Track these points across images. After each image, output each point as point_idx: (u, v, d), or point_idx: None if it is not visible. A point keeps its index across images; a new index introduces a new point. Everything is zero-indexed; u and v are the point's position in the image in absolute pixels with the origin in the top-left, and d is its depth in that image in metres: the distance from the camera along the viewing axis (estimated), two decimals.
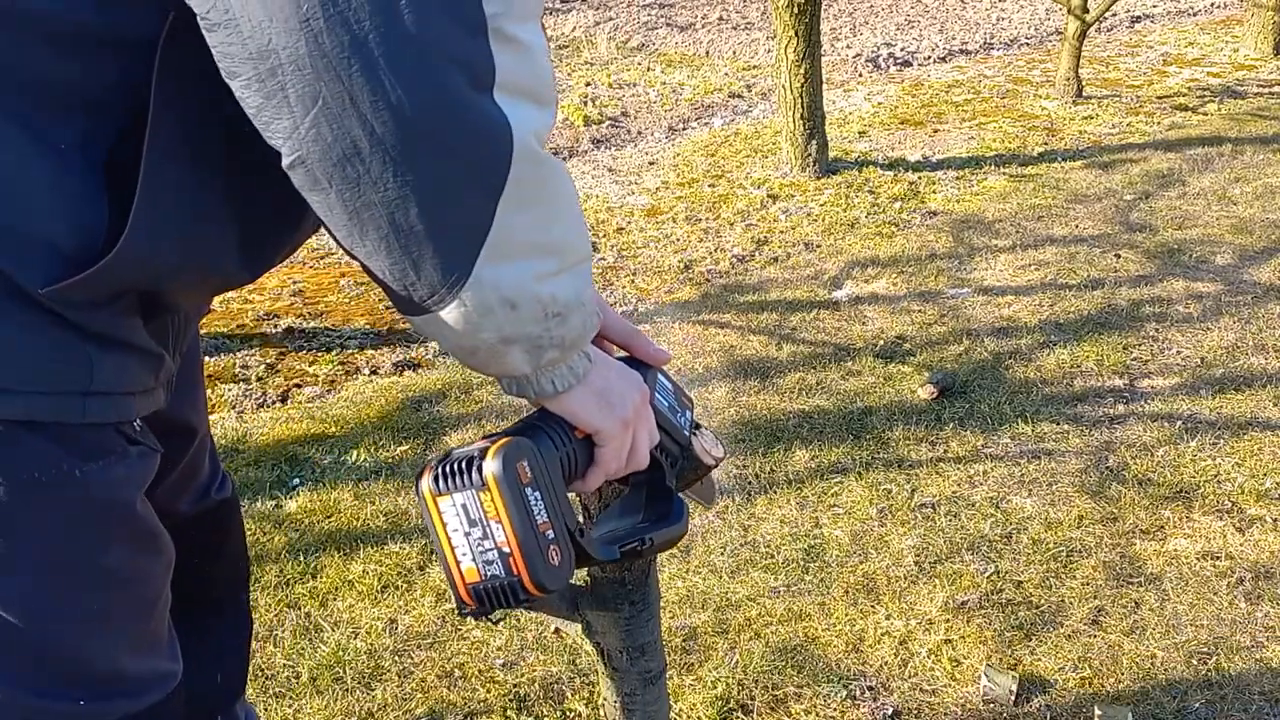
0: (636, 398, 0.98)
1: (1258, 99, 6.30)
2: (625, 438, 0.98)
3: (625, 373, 1.00)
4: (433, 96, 0.72)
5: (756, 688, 2.04)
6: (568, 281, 0.84)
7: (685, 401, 1.11)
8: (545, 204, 0.81)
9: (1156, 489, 2.62)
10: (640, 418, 1.00)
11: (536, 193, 0.80)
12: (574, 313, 0.86)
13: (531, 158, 0.78)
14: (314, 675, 2.10)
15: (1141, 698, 2.00)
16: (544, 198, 0.81)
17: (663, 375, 1.10)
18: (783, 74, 4.95)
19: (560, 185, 0.83)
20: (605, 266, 4.18)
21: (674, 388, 1.10)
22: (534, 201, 0.79)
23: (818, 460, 2.81)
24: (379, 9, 0.69)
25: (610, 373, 0.97)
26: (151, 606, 0.99)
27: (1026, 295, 3.75)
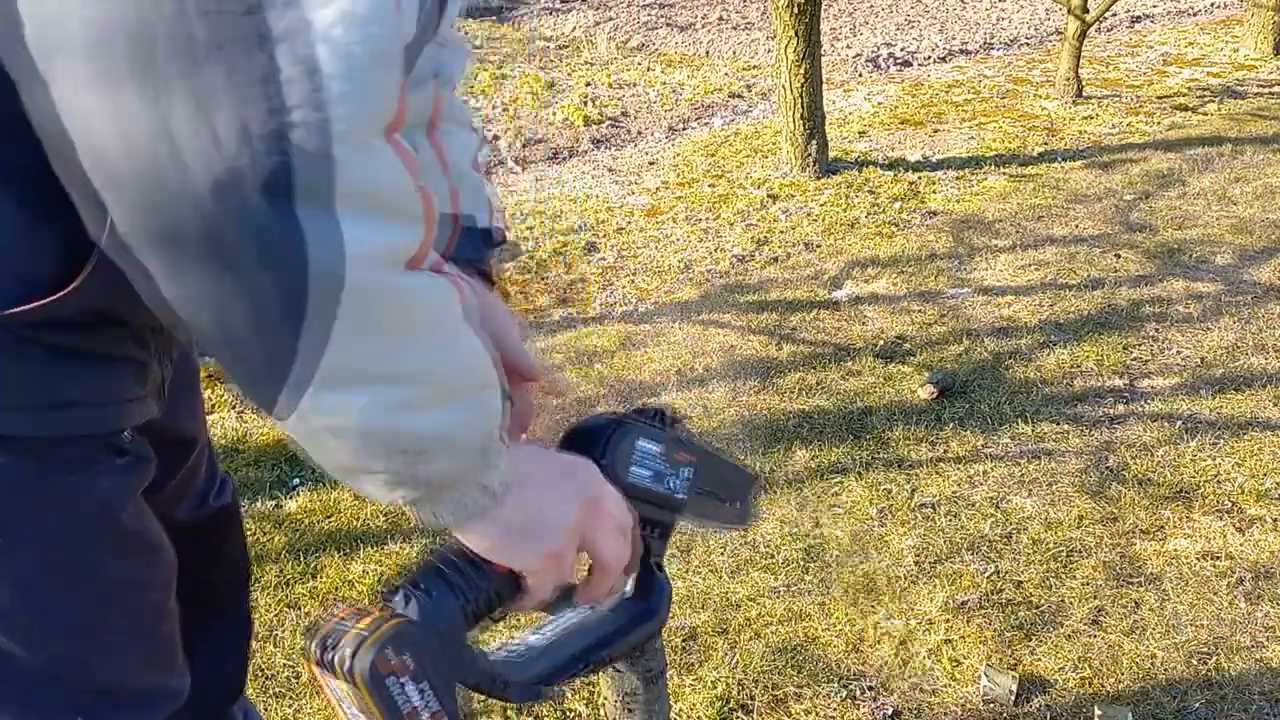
0: (571, 516, 0.84)
1: (1258, 99, 6.30)
2: (558, 566, 0.85)
3: (559, 482, 0.84)
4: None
5: (756, 688, 2.04)
6: (433, 417, 0.72)
7: (681, 457, 0.95)
8: (397, 331, 0.69)
9: (1156, 489, 2.62)
10: (590, 527, 0.86)
11: (382, 317, 0.68)
12: (442, 452, 0.73)
13: (373, 279, 0.66)
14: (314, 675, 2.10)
15: (1141, 698, 2.00)
16: (395, 324, 0.69)
17: (645, 438, 0.93)
18: (783, 74, 4.95)
19: (424, 311, 0.71)
20: (605, 266, 4.18)
21: (662, 447, 0.93)
22: (379, 327, 0.68)
23: (818, 460, 2.81)
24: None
25: (534, 494, 0.82)
26: (152, 619, 0.96)
27: (1026, 295, 3.76)
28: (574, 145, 5.91)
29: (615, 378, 3.30)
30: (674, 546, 2.46)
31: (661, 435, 0.94)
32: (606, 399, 3.16)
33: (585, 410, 3.07)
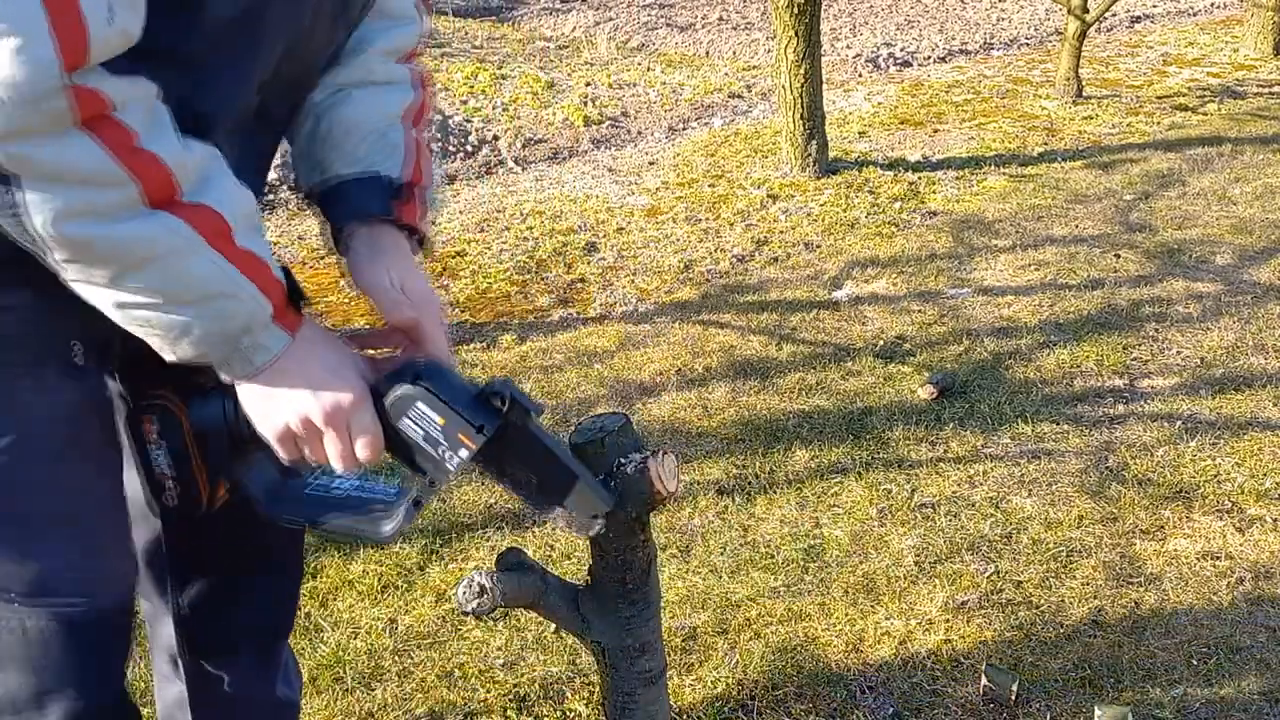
0: (298, 413, 1.05)
1: (1258, 99, 6.30)
2: (286, 445, 1.08)
3: (310, 387, 1.04)
4: None
5: (756, 688, 2.04)
6: (174, 316, 0.97)
7: (463, 438, 1.08)
8: (119, 263, 0.94)
9: (1156, 489, 2.63)
10: (325, 432, 1.06)
11: (103, 255, 0.94)
12: (189, 338, 0.98)
13: (80, 231, 0.91)
14: (314, 675, 2.10)
15: (1141, 698, 2.00)
16: (115, 260, 0.94)
17: (430, 406, 1.08)
18: (783, 74, 4.95)
19: (142, 247, 0.94)
20: (605, 267, 4.19)
21: (446, 420, 1.07)
22: (103, 262, 0.94)
23: (818, 460, 2.81)
24: None
25: (282, 383, 1.04)
26: (93, 518, 1.14)
27: (1026, 295, 3.76)
28: (574, 145, 5.91)
29: (615, 378, 3.30)
30: (674, 546, 2.46)
31: (450, 411, 1.07)
32: (607, 399, 3.16)
33: (585, 410, 3.07)
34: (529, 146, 5.85)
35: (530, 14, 9.12)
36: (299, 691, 1.60)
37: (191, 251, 0.94)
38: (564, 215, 4.75)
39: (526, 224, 4.64)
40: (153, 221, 0.92)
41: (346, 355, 1.10)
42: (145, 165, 0.91)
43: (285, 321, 1.03)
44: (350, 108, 1.20)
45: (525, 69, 7.21)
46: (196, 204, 0.95)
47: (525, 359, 3.43)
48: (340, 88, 1.21)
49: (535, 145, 5.88)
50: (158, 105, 0.95)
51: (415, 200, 1.21)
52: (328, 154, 1.20)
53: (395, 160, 1.21)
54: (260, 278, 1.00)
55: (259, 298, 0.99)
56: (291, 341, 1.03)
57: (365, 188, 1.18)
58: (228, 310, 0.98)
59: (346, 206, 1.18)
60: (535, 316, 3.79)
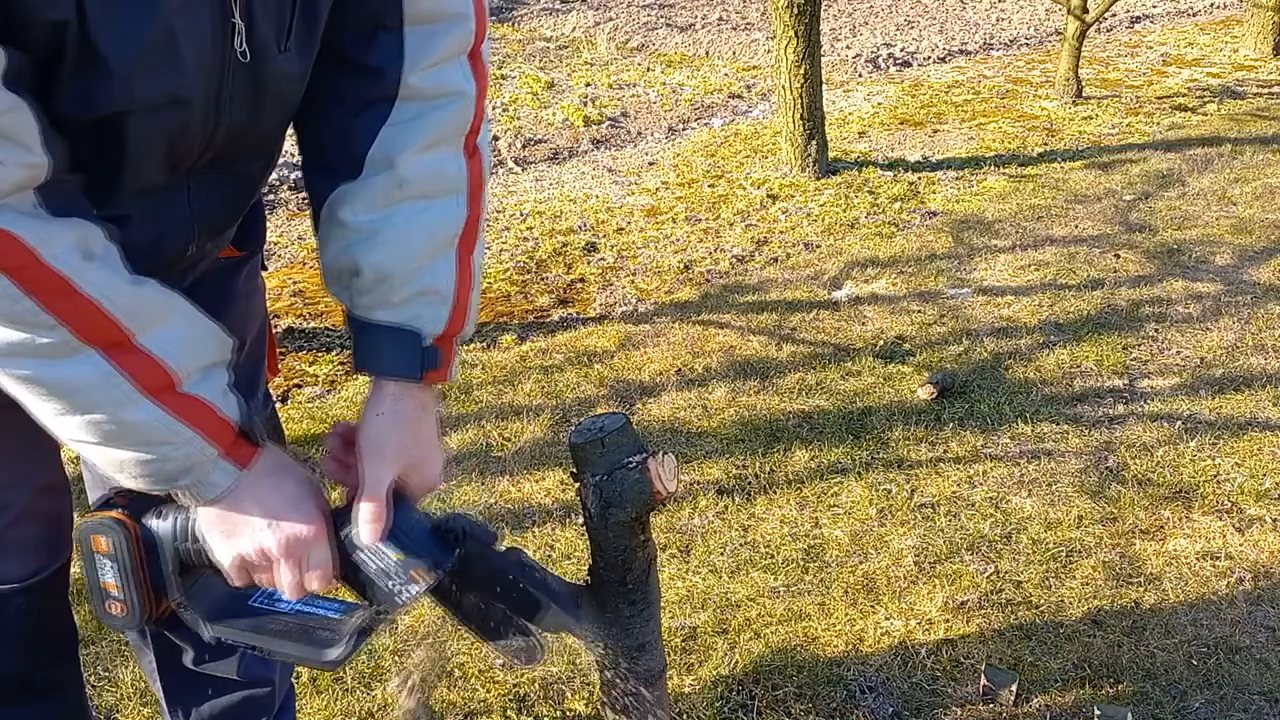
0: (270, 546, 1.04)
1: (1257, 99, 6.30)
2: (237, 570, 1.07)
3: (261, 522, 1.04)
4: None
5: (757, 688, 2.04)
6: (110, 452, 0.98)
7: (415, 575, 1.08)
8: (58, 401, 0.95)
9: (1156, 489, 2.63)
10: (278, 564, 1.06)
11: (38, 395, 0.95)
12: (132, 472, 0.99)
13: (13, 375, 0.94)
14: (314, 676, 2.10)
15: (1141, 698, 2.00)
16: (54, 397, 0.95)
17: (389, 543, 1.08)
18: (782, 74, 4.95)
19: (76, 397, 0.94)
20: (605, 267, 4.18)
21: (402, 557, 1.08)
22: (41, 397, 0.95)
23: (818, 460, 2.81)
24: None
25: (234, 518, 1.04)
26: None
27: (1026, 295, 3.76)
28: (574, 145, 5.91)
29: (615, 378, 3.30)
30: (674, 546, 2.46)
31: (406, 546, 1.08)
32: (607, 399, 3.16)
33: (585, 410, 3.07)
34: (529, 147, 5.85)
35: (530, 14, 9.12)
36: (279, 671, 1.61)
37: (130, 402, 0.94)
38: (564, 215, 4.75)
39: (526, 224, 4.64)
40: (91, 367, 0.92)
41: (306, 486, 1.08)
42: (78, 310, 0.90)
43: (236, 456, 1.02)
44: (385, 250, 1.09)
45: (525, 69, 7.21)
46: (142, 351, 0.94)
47: (525, 359, 3.43)
48: (372, 211, 1.09)
49: (535, 145, 5.88)
50: (103, 248, 0.93)
51: (450, 355, 1.15)
52: (357, 296, 1.12)
53: (439, 311, 1.13)
54: (205, 423, 0.98)
55: (198, 441, 0.98)
56: (242, 475, 1.03)
57: (397, 344, 1.11)
58: (168, 455, 0.98)
59: (375, 361, 1.12)
60: (535, 316, 3.79)
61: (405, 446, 1.11)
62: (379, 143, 1.08)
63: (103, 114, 0.92)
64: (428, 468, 1.15)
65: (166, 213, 1.06)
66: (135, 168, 0.99)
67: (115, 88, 0.90)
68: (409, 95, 1.08)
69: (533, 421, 3.04)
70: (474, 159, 1.14)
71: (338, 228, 1.11)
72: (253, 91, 1.02)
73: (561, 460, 2.82)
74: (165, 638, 1.51)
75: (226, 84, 0.99)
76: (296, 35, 1.02)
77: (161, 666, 1.54)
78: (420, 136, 1.09)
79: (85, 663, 2.11)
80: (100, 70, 0.88)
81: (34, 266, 0.87)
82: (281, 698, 1.66)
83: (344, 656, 1.13)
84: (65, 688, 1.42)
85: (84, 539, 1.11)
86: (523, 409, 3.11)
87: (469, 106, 1.11)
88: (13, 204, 0.87)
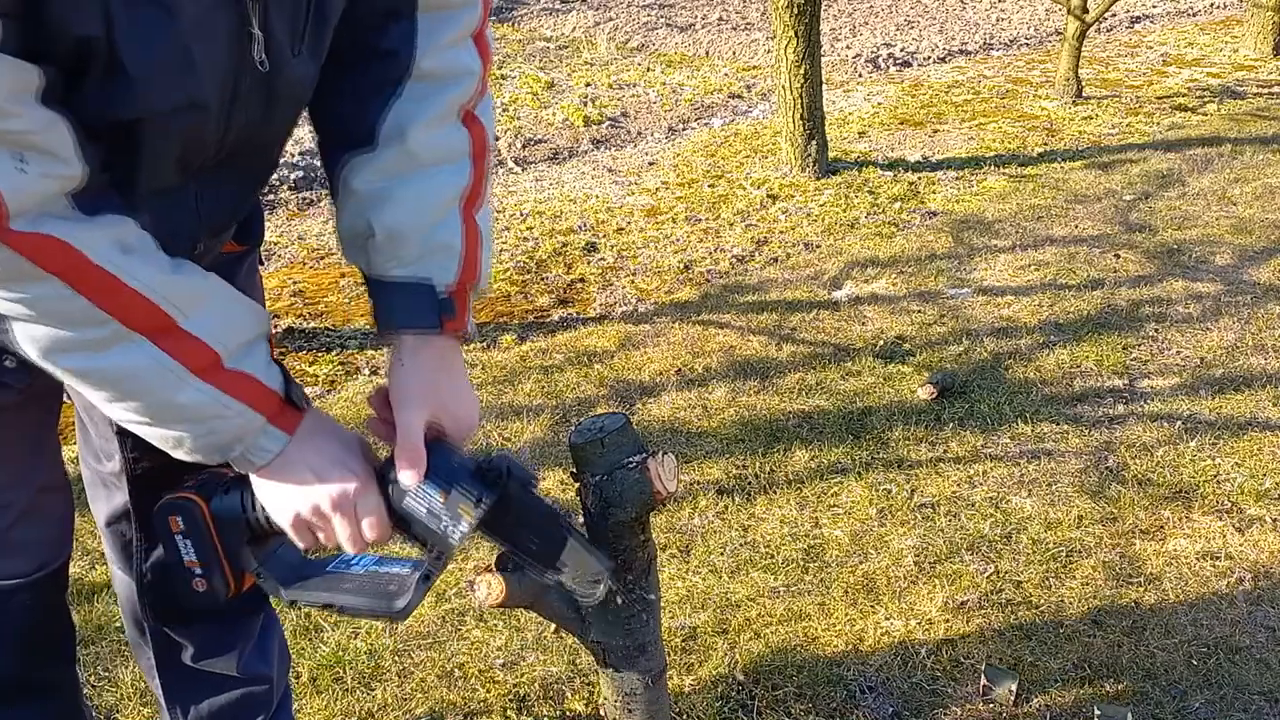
0: (322, 502, 1.10)
1: (1258, 99, 6.30)
2: (299, 530, 1.13)
3: (312, 481, 1.10)
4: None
5: (757, 688, 2.04)
6: (167, 430, 1.04)
7: (463, 510, 1.14)
8: (108, 389, 1.01)
9: (1156, 489, 2.63)
10: (333, 519, 1.12)
11: (93, 382, 1.01)
12: (186, 444, 1.04)
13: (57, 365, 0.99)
14: (314, 675, 2.10)
15: (1141, 698, 2.00)
16: (105, 385, 1.01)
17: (430, 484, 1.13)
18: (782, 74, 4.95)
19: (128, 382, 1.00)
20: (605, 267, 4.18)
21: (447, 495, 1.13)
22: (95, 386, 1.01)
23: (818, 460, 2.81)
24: None
25: (287, 478, 1.10)
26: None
27: (1026, 295, 3.76)
28: (574, 145, 5.91)
29: (615, 378, 3.30)
30: (674, 546, 2.46)
31: (450, 487, 1.13)
32: (607, 399, 3.17)
33: (585, 410, 3.07)
34: (529, 147, 5.85)
35: (530, 14, 9.12)
36: (276, 669, 1.63)
37: (179, 382, 1.00)
38: (564, 215, 4.74)
39: (526, 224, 4.64)
40: (141, 354, 0.97)
41: (351, 443, 1.14)
42: (126, 302, 0.95)
43: (282, 422, 1.08)
44: (395, 210, 1.15)
45: (525, 69, 7.21)
46: (186, 334, 0.99)
47: (525, 359, 3.43)
48: (384, 178, 1.15)
49: (535, 145, 5.88)
50: (138, 238, 0.97)
51: (464, 305, 1.20)
52: (373, 256, 1.17)
53: (448, 264, 1.18)
54: (251, 395, 1.05)
55: (248, 413, 1.05)
56: (290, 439, 1.09)
57: (413, 298, 1.17)
58: (218, 428, 1.04)
59: (391, 315, 1.18)
60: (535, 316, 3.79)
61: (430, 392, 1.16)
62: (390, 118, 1.14)
63: (122, 119, 0.95)
64: (461, 411, 1.19)
65: (175, 211, 1.09)
66: (151, 169, 1.02)
67: (135, 96, 0.93)
68: (421, 76, 1.14)
69: (533, 421, 3.04)
70: (475, 125, 1.19)
71: (351, 195, 1.16)
72: (265, 94, 1.05)
73: (561, 460, 2.82)
74: (164, 635, 1.52)
75: (241, 89, 1.02)
76: (309, 40, 1.06)
77: (160, 664, 1.55)
78: (430, 112, 1.14)
79: (85, 663, 2.11)
80: (122, 80, 0.92)
81: (82, 266, 0.92)
82: (280, 695, 1.66)
83: (411, 604, 1.19)
84: (63, 688, 1.42)
85: (161, 520, 1.17)
86: (523, 409, 3.11)
87: (474, 82, 1.18)
88: (50, 210, 0.91)
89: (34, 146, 0.88)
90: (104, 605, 2.28)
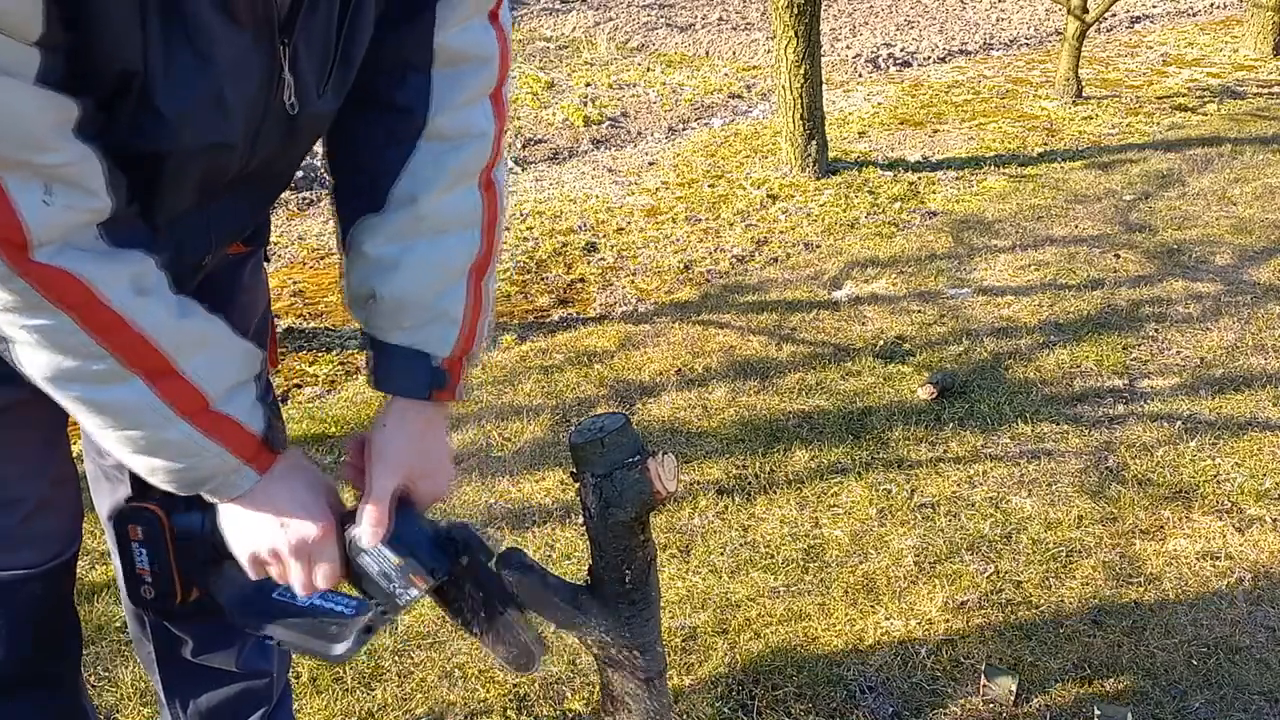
0: (261, 545, 1.12)
1: (1257, 99, 6.30)
2: (252, 565, 1.14)
3: (272, 523, 1.11)
4: None
5: (757, 688, 2.04)
6: (145, 460, 1.05)
7: (415, 579, 1.16)
8: (101, 416, 1.03)
9: (1156, 489, 2.63)
10: (288, 562, 1.13)
11: (83, 407, 1.03)
12: (162, 475, 1.06)
13: (54, 393, 1.02)
14: (314, 675, 2.10)
15: (1141, 698, 2.00)
16: (100, 413, 1.03)
17: (390, 548, 1.15)
18: (782, 74, 4.95)
19: (120, 416, 1.02)
20: (605, 267, 4.19)
21: (403, 562, 1.15)
22: (87, 412, 1.03)
23: (818, 460, 2.81)
24: None
25: (246, 516, 1.11)
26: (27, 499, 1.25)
27: (1026, 295, 3.76)
28: (574, 145, 5.91)
29: (615, 378, 3.30)
30: (674, 546, 2.46)
31: (407, 552, 1.15)
32: (607, 399, 3.17)
33: (585, 410, 3.07)
34: (529, 147, 5.85)
35: (530, 14, 9.12)
36: (276, 665, 1.64)
37: (166, 422, 1.02)
38: (564, 215, 4.74)
39: (526, 224, 4.64)
40: (133, 392, 1.00)
41: (318, 489, 1.14)
42: (127, 343, 0.97)
43: (256, 464, 1.09)
44: (401, 278, 1.15)
45: (525, 69, 7.21)
46: (181, 377, 1.02)
47: (525, 359, 3.43)
48: (392, 243, 1.15)
49: (535, 145, 5.88)
50: (155, 279, 1.00)
51: (458, 377, 1.22)
52: (374, 318, 1.19)
53: (447, 335, 1.19)
54: (230, 438, 1.07)
55: (225, 455, 1.07)
56: (261, 479, 1.10)
57: (407, 365, 1.19)
58: (194, 464, 1.06)
59: (383, 378, 1.20)
60: (535, 316, 3.78)
61: (410, 457, 1.17)
62: (402, 180, 1.14)
63: (147, 152, 0.97)
64: (434, 479, 1.21)
65: (186, 231, 1.11)
66: (170, 197, 1.04)
67: (166, 132, 0.95)
68: (433, 134, 1.13)
69: (533, 421, 3.04)
70: (489, 191, 1.19)
71: (360, 258, 1.17)
72: (286, 129, 1.07)
73: (561, 460, 2.82)
74: (165, 630, 1.53)
75: (265, 126, 1.04)
76: (334, 82, 1.07)
77: (160, 658, 1.57)
78: (442, 176, 1.14)
79: (85, 663, 2.11)
80: (154, 116, 0.94)
81: (92, 305, 0.94)
82: (279, 690, 1.67)
83: (348, 652, 1.19)
84: (68, 682, 1.43)
85: (120, 526, 1.20)
86: (523, 409, 3.11)
87: (488, 146, 1.17)
88: (75, 242, 0.92)
89: (64, 179, 0.89)
90: (104, 605, 2.28)
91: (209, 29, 0.91)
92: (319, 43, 1.02)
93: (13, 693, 1.34)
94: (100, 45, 0.87)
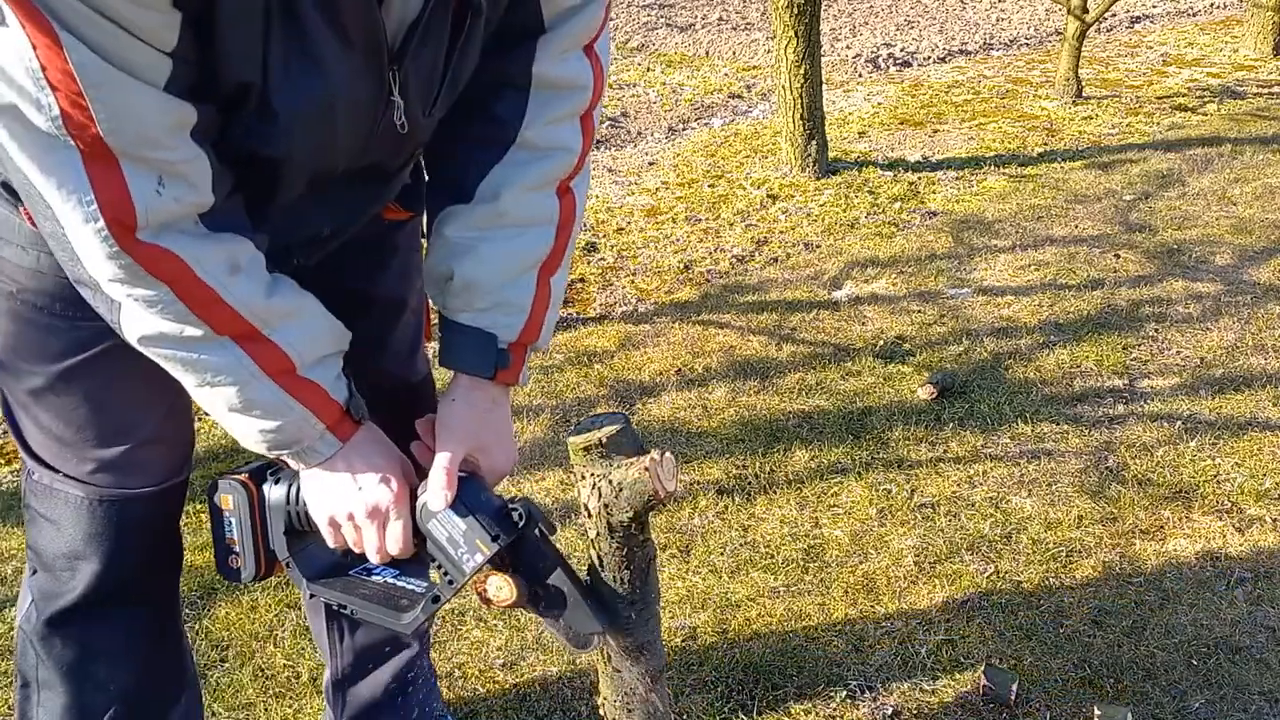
0: (339, 510, 1.22)
1: (1257, 99, 6.30)
2: (331, 532, 1.25)
3: (347, 489, 1.21)
4: None
5: (757, 688, 2.04)
6: (238, 421, 1.16)
7: (479, 544, 1.21)
8: (191, 374, 1.13)
9: (1156, 489, 2.63)
10: (363, 526, 1.23)
11: (174, 367, 1.14)
12: (253, 437, 1.17)
13: (150, 352, 1.12)
14: (314, 675, 2.10)
15: (1141, 698, 2.00)
16: (186, 372, 1.13)
17: (456, 512, 1.22)
18: (782, 74, 4.95)
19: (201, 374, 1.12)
20: (605, 267, 4.18)
21: (468, 527, 1.21)
22: (178, 371, 1.13)
23: (818, 460, 2.81)
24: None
25: (326, 482, 1.22)
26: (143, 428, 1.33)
27: (1026, 295, 3.76)
28: None
29: (615, 378, 3.30)
30: (674, 546, 2.46)
31: (473, 518, 1.21)
32: (607, 399, 3.17)
33: (585, 410, 3.07)
34: None
35: None
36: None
37: (255, 381, 1.12)
38: None
39: None
40: (225, 353, 1.10)
41: (394, 460, 1.25)
42: (219, 314, 1.08)
43: (339, 431, 1.20)
44: (476, 263, 1.26)
45: None
46: (269, 341, 1.12)
47: None
48: (472, 231, 1.26)
49: None
50: (249, 259, 1.10)
51: (520, 360, 1.31)
52: (448, 298, 1.29)
53: (514, 321, 1.29)
54: (316, 403, 1.17)
55: (310, 419, 1.17)
56: (342, 447, 1.20)
57: (474, 344, 1.29)
58: (282, 427, 1.16)
59: (452, 354, 1.30)
60: None
61: (475, 429, 1.28)
62: (489, 178, 1.25)
63: (262, 154, 1.08)
64: (498, 454, 1.32)
65: (298, 216, 1.22)
66: (283, 191, 1.15)
67: (279, 137, 1.06)
68: (523, 145, 1.24)
69: (532, 421, 3.04)
70: (566, 198, 1.30)
71: (441, 241, 1.28)
72: (395, 139, 1.18)
73: (561, 460, 2.82)
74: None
75: (373, 140, 1.16)
76: (440, 104, 1.19)
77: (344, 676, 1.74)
78: (526, 179, 1.25)
79: None
80: (271, 123, 1.04)
81: (188, 279, 1.04)
82: (427, 642, 1.85)
83: (415, 620, 1.27)
84: (163, 604, 1.49)
85: (213, 497, 1.29)
86: (522, 409, 3.11)
87: (573, 160, 1.28)
88: (176, 225, 1.03)
89: (176, 174, 1.00)
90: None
91: (322, 45, 1.01)
92: (427, 70, 1.13)
93: (108, 609, 1.39)
94: (225, 60, 0.98)
